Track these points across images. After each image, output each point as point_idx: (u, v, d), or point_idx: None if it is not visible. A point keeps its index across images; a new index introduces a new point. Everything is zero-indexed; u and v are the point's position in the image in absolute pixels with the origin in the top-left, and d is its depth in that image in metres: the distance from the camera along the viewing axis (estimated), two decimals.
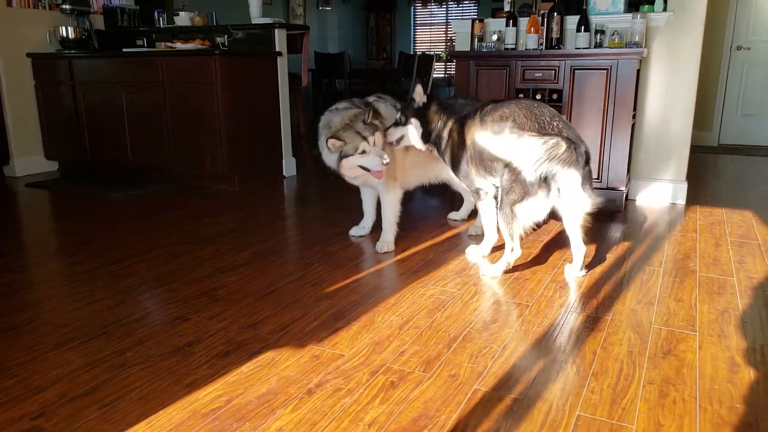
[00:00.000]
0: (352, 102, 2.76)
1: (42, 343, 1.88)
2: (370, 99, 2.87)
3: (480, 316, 2.06)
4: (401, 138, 2.65)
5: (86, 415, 1.49)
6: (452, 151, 2.54)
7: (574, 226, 2.38)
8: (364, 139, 2.55)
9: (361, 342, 1.87)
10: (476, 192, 2.54)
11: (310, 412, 1.50)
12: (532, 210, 2.29)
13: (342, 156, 2.59)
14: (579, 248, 2.43)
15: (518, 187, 2.25)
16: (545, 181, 2.21)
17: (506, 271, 2.46)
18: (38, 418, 1.48)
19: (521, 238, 2.41)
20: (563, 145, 2.14)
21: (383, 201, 2.82)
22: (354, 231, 3.03)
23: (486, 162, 2.39)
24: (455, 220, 3.27)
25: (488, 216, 2.60)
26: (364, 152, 2.57)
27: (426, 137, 2.60)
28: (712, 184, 4.27)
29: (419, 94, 2.55)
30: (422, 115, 2.58)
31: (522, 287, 2.32)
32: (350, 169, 2.65)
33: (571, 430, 1.42)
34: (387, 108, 2.82)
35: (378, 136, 2.60)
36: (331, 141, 2.58)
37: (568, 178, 2.21)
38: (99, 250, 2.83)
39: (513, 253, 2.40)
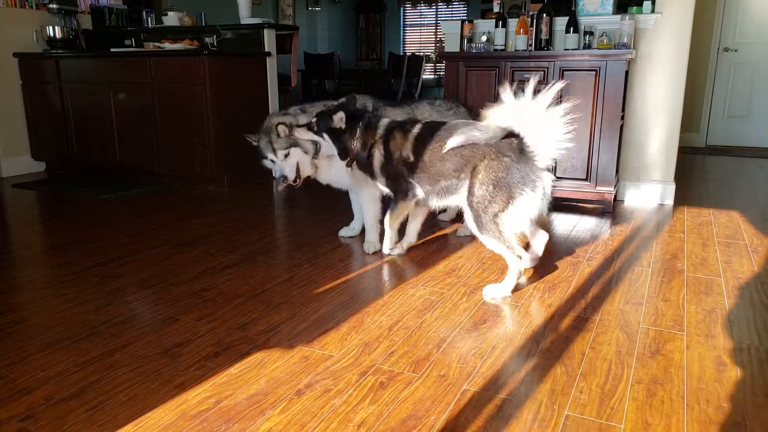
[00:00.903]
0: (313, 105, 2.78)
1: (29, 344, 1.86)
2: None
3: (469, 316, 2.07)
4: (318, 147, 2.68)
5: (74, 417, 1.48)
6: (382, 166, 2.48)
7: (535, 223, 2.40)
8: (273, 151, 2.68)
9: (351, 343, 1.87)
10: (405, 193, 2.46)
11: (299, 413, 1.49)
12: (523, 212, 2.16)
13: (258, 153, 2.77)
14: (542, 236, 2.46)
15: (500, 194, 2.14)
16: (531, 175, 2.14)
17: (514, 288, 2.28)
18: (25, 420, 1.47)
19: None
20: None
21: (360, 201, 2.83)
22: (343, 232, 3.03)
23: (434, 176, 2.33)
24: (445, 221, 3.28)
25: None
26: (273, 161, 2.71)
27: (343, 155, 2.55)
28: (700, 185, 4.30)
29: (339, 119, 2.49)
30: (339, 134, 2.52)
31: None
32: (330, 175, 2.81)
33: (560, 430, 1.42)
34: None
35: (295, 152, 2.68)
36: (248, 136, 2.79)
37: (546, 176, 2.18)
38: (87, 251, 2.81)
39: (522, 261, 2.24)
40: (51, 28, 4.71)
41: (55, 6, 4.75)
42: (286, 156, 2.68)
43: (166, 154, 4.25)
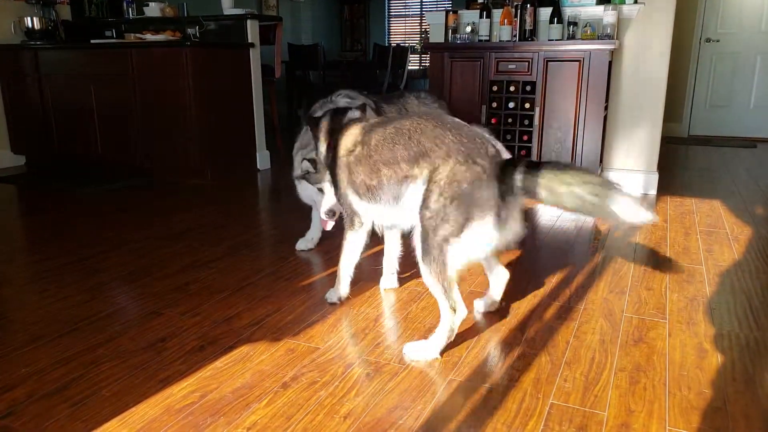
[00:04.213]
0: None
1: (10, 341, 1.84)
2: (340, 100, 2.54)
3: None
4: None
5: (56, 413, 1.46)
6: (330, 168, 2.00)
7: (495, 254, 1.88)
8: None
9: (337, 335, 1.87)
10: (351, 218, 2.00)
11: (285, 405, 1.49)
12: (480, 242, 1.64)
13: (303, 177, 2.39)
14: (503, 275, 1.96)
15: (457, 211, 1.61)
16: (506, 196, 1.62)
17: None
18: (7, 417, 1.45)
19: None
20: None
21: None
22: (300, 244, 2.71)
23: (370, 183, 1.82)
24: None
25: (351, 252, 2.07)
26: (321, 190, 2.28)
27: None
28: (682, 175, 4.35)
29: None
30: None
31: None
32: (303, 193, 2.52)
33: (545, 419, 1.44)
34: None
35: None
36: (306, 163, 2.29)
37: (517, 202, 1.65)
38: (68, 246, 2.77)
39: (457, 315, 1.71)
40: (29, 19, 4.62)
41: None
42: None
43: (148, 147, 4.21)
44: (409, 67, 8.03)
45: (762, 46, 5.99)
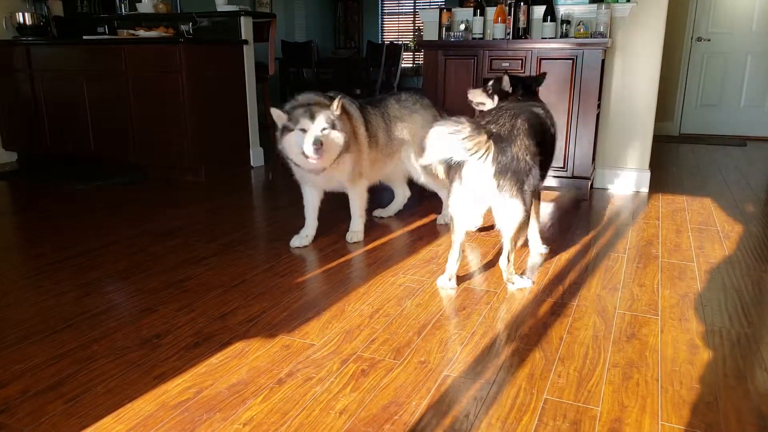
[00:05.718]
0: (326, 96, 2.57)
1: (3, 337, 1.83)
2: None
3: (449, 303, 2.08)
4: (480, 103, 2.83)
5: (51, 410, 1.46)
6: None
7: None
8: (311, 117, 2.36)
9: (332, 331, 1.87)
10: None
11: (280, 401, 1.50)
12: (455, 199, 2.13)
13: (283, 128, 2.42)
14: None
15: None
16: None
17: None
18: (1, 414, 1.44)
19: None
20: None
21: (350, 193, 2.78)
22: (295, 241, 2.72)
23: None
24: (382, 217, 3.23)
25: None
26: (304, 130, 2.36)
27: None
28: (674, 173, 4.38)
29: (507, 83, 2.69)
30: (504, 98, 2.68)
31: (490, 274, 2.35)
32: (290, 150, 2.44)
33: (539, 414, 1.45)
34: (351, 106, 2.70)
35: (334, 134, 2.43)
36: (276, 112, 2.40)
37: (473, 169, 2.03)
38: (61, 242, 2.76)
39: (450, 254, 2.24)
40: (21, 14, 4.59)
41: None
42: (323, 130, 2.38)
43: (142, 144, 4.19)
44: (403, 65, 8.03)
45: (752, 46, 6.04)
